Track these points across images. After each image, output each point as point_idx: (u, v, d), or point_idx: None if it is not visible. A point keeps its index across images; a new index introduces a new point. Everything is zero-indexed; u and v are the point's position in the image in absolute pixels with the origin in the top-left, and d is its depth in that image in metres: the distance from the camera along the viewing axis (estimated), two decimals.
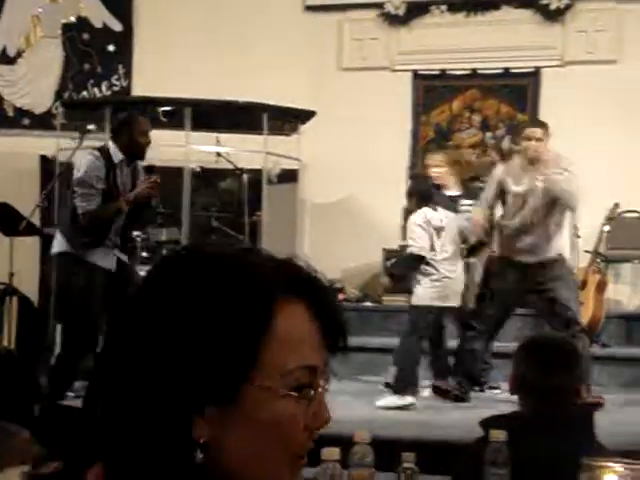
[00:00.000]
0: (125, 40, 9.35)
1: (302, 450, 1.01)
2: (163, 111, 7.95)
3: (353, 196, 8.55)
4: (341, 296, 8.72)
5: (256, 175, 8.07)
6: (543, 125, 6.14)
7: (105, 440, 0.98)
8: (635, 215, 8.42)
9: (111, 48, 9.37)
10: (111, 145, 5.62)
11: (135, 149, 5.61)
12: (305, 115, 8.21)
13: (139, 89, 9.09)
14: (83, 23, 9.33)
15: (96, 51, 9.35)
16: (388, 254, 8.72)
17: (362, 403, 6.17)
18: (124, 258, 5.83)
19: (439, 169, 6.93)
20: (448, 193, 6.88)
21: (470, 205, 6.64)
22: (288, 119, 8.33)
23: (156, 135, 8.25)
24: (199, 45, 9.14)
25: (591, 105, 8.57)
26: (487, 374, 6.53)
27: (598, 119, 8.53)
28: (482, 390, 6.48)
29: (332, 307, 1.03)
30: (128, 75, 9.35)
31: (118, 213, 5.57)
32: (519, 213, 5.98)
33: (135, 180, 5.72)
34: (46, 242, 7.99)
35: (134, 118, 5.72)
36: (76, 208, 5.54)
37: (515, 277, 6.01)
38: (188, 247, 1.09)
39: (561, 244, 6.14)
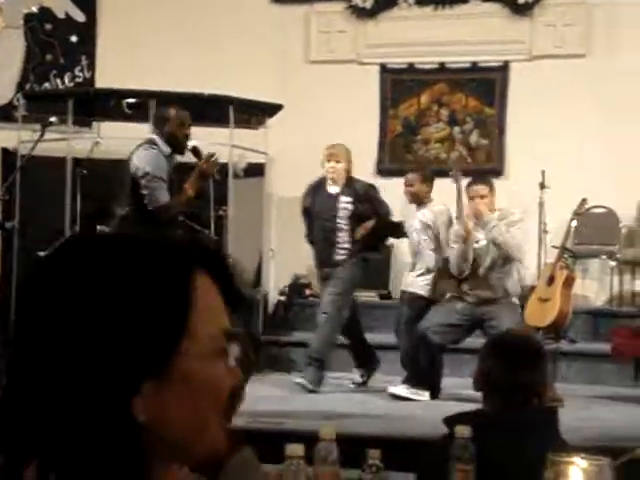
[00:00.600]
0: (88, 31, 9.23)
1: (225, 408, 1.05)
2: (127, 103, 7.85)
3: None
4: (308, 291, 8.66)
5: (222, 169, 7.98)
6: (487, 182, 6.58)
7: (39, 435, 0.95)
8: (603, 211, 8.44)
9: (74, 39, 9.24)
10: (157, 139, 5.53)
11: (174, 142, 5.51)
12: (272, 108, 8.15)
13: (103, 81, 8.98)
14: (45, 13, 9.19)
15: (58, 42, 9.22)
16: None
17: (327, 399, 6.12)
18: None
19: (338, 164, 6.74)
20: (330, 190, 6.77)
21: (349, 203, 6.64)
22: (254, 112, 8.25)
23: (120, 128, 8.20)
24: (164, 37, 9.04)
25: (559, 99, 8.57)
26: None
27: (566, 114, 8.53)
28: None
29: (232, 277, 1.07)
30: (91, 66, 9.24)
31: (187, 201, 5.49)
32: None
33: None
34: (7, 236, 7.87)
35: (171, 111, 5.64)
36: (145, 205, 5.37)
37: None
38: (96, 233, 1.11)
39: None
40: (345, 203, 6.66)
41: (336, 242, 6.68)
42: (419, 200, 6.75)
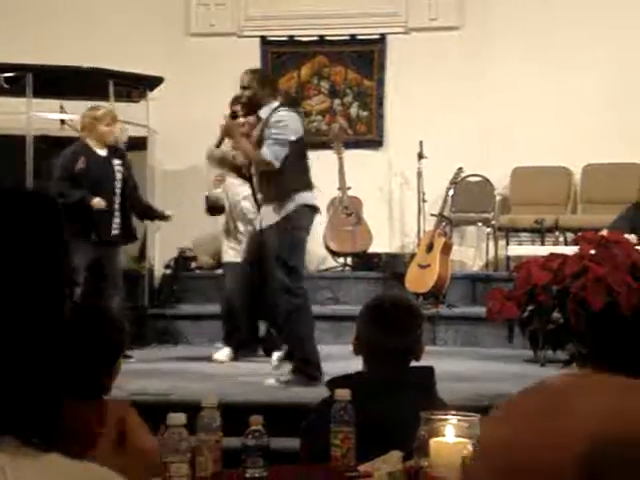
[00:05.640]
0: None
1: None
2: (4, 77, 7.70)
3: (203, 163, 8.50)
4: (194, 264, 8.69)
5: None
6: None
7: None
8: (478, 179, 8.70)
9: None
10: None
11: None
12: (152, 81, 8.10)
13: None
14: None
15: None
16: None
17: (216, 369, 6.19)
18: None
19: (111, 127, 6.57)
20: (101, 153, 6.54)
21: (121, 165, 6.51)
22: (135, 85, 8.19)
23: None
24: (44, 9, 8.87)
25: (435, 71, 8.77)
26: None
27: (442, 85, 8.74)
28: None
29: None
30: None
31: None
32: None
33: None
34: None
35: None
36: None
37: None
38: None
39: None
40: (118, 165, 6.51)
41: (113, 212, 6.47)
42: None
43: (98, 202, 6.30)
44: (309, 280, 8.16)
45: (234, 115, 6.07)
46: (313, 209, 5.63)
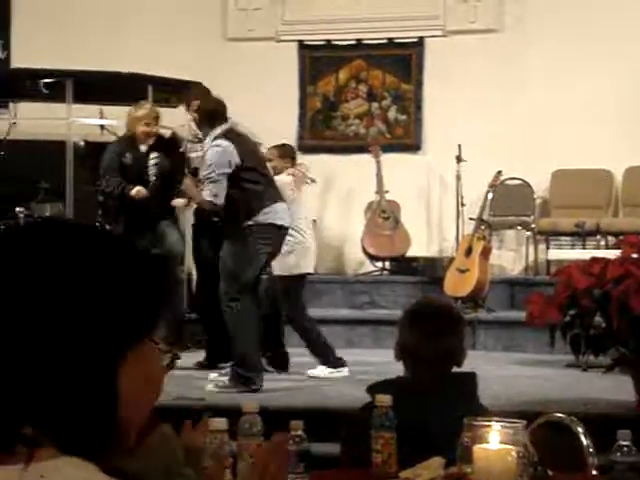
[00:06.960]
0: (3, 10, 9.06)
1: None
2: (44, 83, 7.78)
3: None
4: None
5: None
6: None
7: (31, 402, 1.01)
8: (517, 182, 8.64)
9: None
10: None
11: None
12: (191, 86, 8.12)
13: (19, 61, 8.84)
14: None
15: None
16: None
17: None
18: None
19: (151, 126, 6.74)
20: (142, 148, 6.76)
21: (158, 158, 6.66)
22: (173, 90, 8.23)
23: (37, 108, 8.11)
24: (82, 14, 8.94)
25: (473, 74, 8.71)
26: None
27: (480, 88, 8.68)
28: None
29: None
30: (7, 46, 9.09)
31: None
32: None
33: None
34: None
35: None
36: None
37: None
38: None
39: None
40: (155, 159, 6.71)
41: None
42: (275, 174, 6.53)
43: (137, 191, 6.47)
44: (346, 284, 8.19)
45: (194, 172, 6.10)
46: (273, 226, 5.64)
